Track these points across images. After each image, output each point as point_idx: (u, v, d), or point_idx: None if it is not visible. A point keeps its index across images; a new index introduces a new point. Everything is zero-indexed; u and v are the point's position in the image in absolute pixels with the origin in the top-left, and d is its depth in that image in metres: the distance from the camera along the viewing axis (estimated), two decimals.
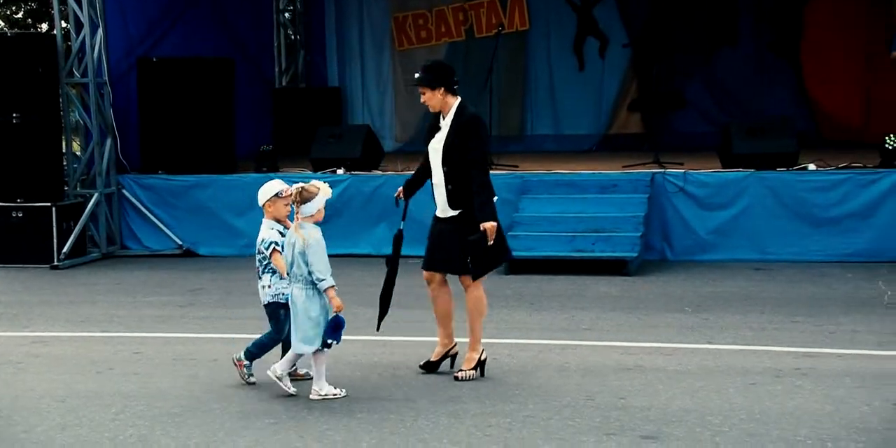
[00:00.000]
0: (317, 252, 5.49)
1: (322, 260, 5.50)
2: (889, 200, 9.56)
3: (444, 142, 5.87)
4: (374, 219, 10.70)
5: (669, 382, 5.75)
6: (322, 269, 5.49)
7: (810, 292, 8.33)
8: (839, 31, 13.58)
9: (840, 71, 13.58)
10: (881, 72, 12.82)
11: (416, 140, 15.02)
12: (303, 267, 5.52)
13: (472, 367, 5.94)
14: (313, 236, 5.53)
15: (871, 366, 6.01)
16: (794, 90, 13.96)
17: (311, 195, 5.58)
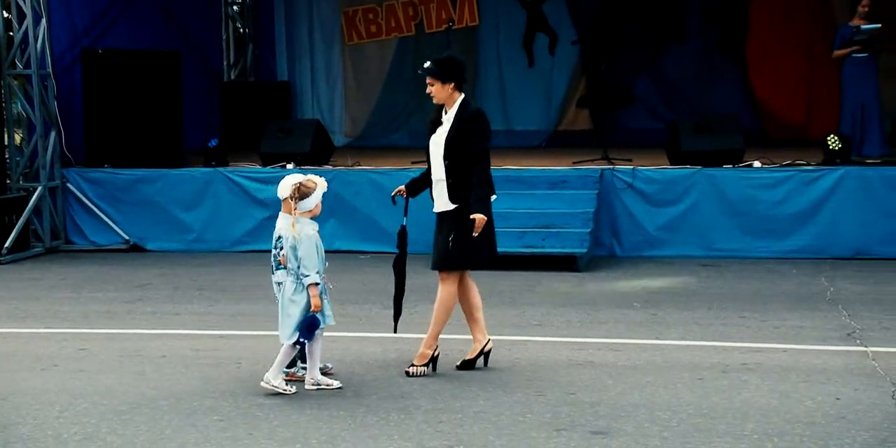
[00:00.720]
0: (306, 248, 5.52)
1: (310, 256, 5.53)
2: (831, 198, 9.72)
3: (446, 136, 5.87)
4: (324, 214, 10.49)
5: (619, 378, 5.79)
6: (308, 265, 5.51)
7: (756, 288, 8.44)
8: (783, 30, 13.80)
9: (784, 70, 13.79)
10: (823, 71, 13.02)
11: (366, 135, 15.02)
12: (293, 261, 5.54)
13: (423, 364, 5.92)
14: (306, 232, 5.56)
15: (814, 361, 6.11)
16: (740, 88, 14.15)
17: (309, 190, 5.62)
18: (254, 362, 6.26)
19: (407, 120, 14.99)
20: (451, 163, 5.85)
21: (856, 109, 11.08)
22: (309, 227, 5.61)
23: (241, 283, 9.02)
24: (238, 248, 10.76)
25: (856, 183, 9.68)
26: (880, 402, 5.25)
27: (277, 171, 10.84)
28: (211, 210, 10.86)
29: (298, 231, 5.55)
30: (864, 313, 7.37)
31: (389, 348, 6.52)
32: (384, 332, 7.00)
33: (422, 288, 7.82)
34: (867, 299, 7.87)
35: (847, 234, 9.65)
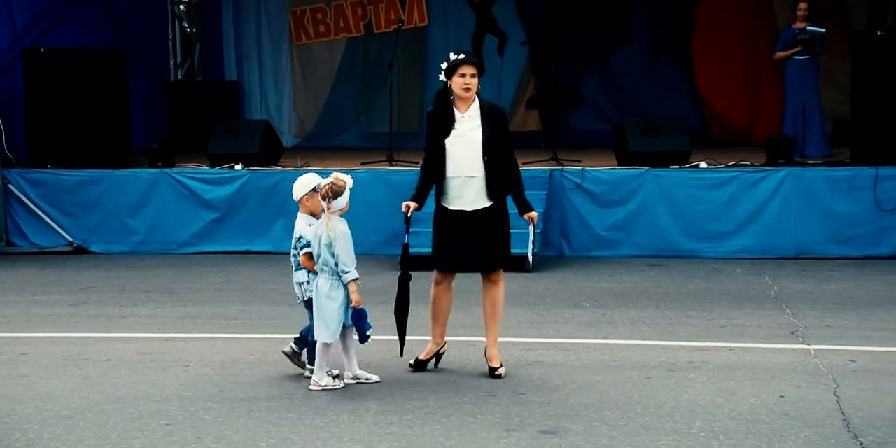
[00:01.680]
0: (344, 244, 5.55)
1: (349, 252, 5.56)
2: (775, 199, 9.87)
3: (482, 131, 5.80)
4: (273, 215, 10.56)
5: (568, 377, 5.82)
6: (348, 261, 5.54)
7: (703, 288, 8.54)
8: (727, 32, 13.98)
9: (728, 72, 13.98)
10: (767, 73, 13.24)
11: (315, 135, 14.95)
12: (329, 258, 5.56)
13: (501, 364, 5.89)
14: (340, 229, 5.59)
15: (759, 359, 6.19)
16: (687, 89, 14.32)
17: (341, 189, 5.62)
18: (202, 365, 6.19)
19: (356, 120, 14.95)
20: (490, 159, 5.79)
21: (798, 111, 11.28)
22: (342, 224, 5.63)
23: (188, 286, 8.91)
24: (185, 250, 10.64)
25: (798, 184, 9.84)
26: (822, 399, 5.34)
27: (226, 172, 10.75)
28: (157, 211, 10.73)
29: (333, 228, 5.57)
30: (807, 312, 7.49)
31: None
32: None
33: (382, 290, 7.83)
34: (810, 298, 8.00)
35: (790, 234, 9.80)
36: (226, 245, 10.60)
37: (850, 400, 5.30)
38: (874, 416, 5.05)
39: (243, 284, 8.95)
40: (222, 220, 10.64)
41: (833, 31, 12.51)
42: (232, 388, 5.70)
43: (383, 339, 6.32)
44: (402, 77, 13.90)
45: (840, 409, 5.16)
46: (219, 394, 5.58)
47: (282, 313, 7.71)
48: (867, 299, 7.92)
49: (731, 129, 14.02)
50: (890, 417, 5.02)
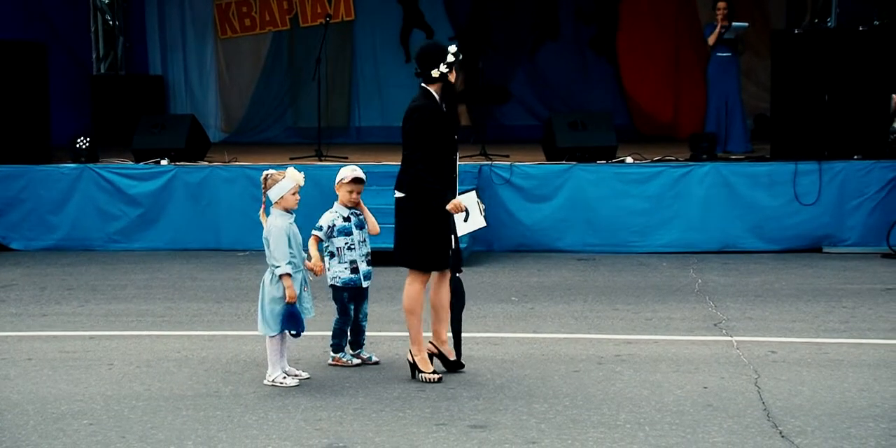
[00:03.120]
0: (276, 238, 5.57)
1: (280, 247, 5.56)
2: (699, 193, 10.02)
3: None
4: (201, 211, 10.43)
5: (497, 371, 5.85)
6: (278, 256, 5.55)
7: (629, 281, 8.67)
8: (651, 30, 14.19)
9: (652, 69, 14.18)
10: (689, 71, 13.47)
11: (241, 130, 14.78)
12: (267, 252, 5.62)
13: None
14: (274, 223, 5.62)
15: (684, 351, 6.31)
16: (613, 85, 14.48)
17: (274, 182, 5.67)
18: (127, 363, 6.09)
19: (283, 115, 14.83)
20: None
21: (720, 107, 11.52)
22: (280, 218, 5.64)
23: (112, 283, 8.76)
24: (110, 247, 10.44)
25: (721, 179, 10.02)
26: (744, 389, 5.47)
27: (150, 168, 10.57)
28: (80, 207, 10.51)
29: (269, 223, 5.63)
30: (730, 304, 7.65)
31: None
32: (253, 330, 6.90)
33: None
34: (732, 291, 8.17)
35: (714, 228, 9.99)
36: (152, 242, 10.43)
37: (771, 390, 5.43)
38: (793, 405, 5.18)
39: (170, 281, 8.82)
40: (148, 217, 10.47)
41: (753, 29, 12.80)
42: (158, 386, 5.62)
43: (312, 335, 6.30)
44: (330, 72, 13.83)
45: (761, 399, 5.29)
46: (144, 392, 5.50)
47: (209, 310, 7.62)
48: (787, 292, 8.12)
49: (656, 124, 14.23)
50: (808, 407, 5.16)
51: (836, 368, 5.85)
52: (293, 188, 5.70)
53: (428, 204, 5.62)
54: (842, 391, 5.41)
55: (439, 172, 5.64)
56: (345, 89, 14.68)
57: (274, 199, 5.69)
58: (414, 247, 5.69)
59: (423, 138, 5.63)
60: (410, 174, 5.63)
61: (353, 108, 14.81)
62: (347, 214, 6.08)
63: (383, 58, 14.65)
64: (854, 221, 9.87)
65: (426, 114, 5.70)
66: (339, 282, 6.02)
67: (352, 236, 6.05)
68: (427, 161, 5.62)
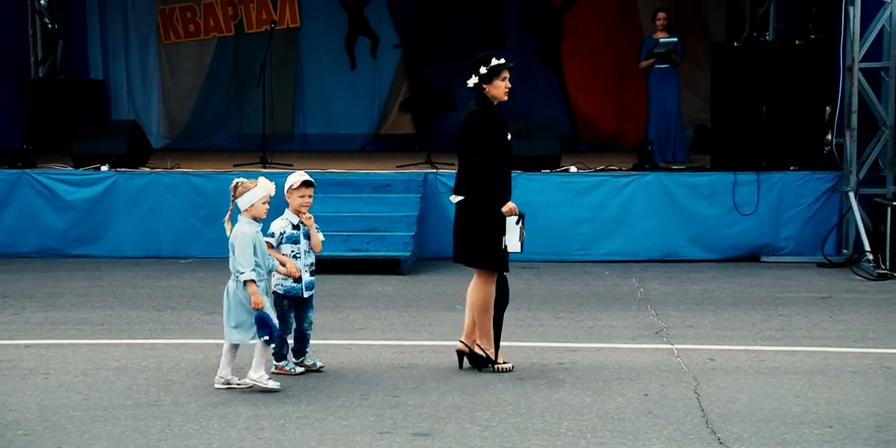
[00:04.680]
0: (241, 245, 5.60)
1: (245, 253, 5.59)
2: (641, 203, 10.16)
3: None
4: (142, 218, 10.31)
5: (441, 380, 5.88)
6: (243, 262, 5.59)
7: (572, 290, 8.75)
8: (595, 39, 14.31)
9: (596, 78, 14.31)
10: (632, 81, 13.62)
11: (185, 136, 14.63)
12: (232, 259, 5.66)
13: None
14: (240, 230, 5.66)
15: (625, 359, 6.40)
16: (557, 95, 14.59)
17: (245, 190, 5.71)
18: (63, 372, 6.01)
19: (227, 122, 14.72)
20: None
21: (661, 117, 11.69)
22: (248, 226, 5.68)
23: (50, 291, 8.62)
24: (48, 254, 10.27)
25: (663, 188, 10.17)
26: (684, 396, 5.56)
27: (90, 174, 10.43)
28: (17, 214, 10.33)
29: (236, 229, 5.66)
30: (671, 312, 7.77)
31: (210, 354, 6.39)
32: (204, 338, 6.87)
33: None
34: (673, 299, 8.30)
35: (656, 237, 10.13)
36: (91, 249, 10.28)
37: (709, 397, 5.53)
38: (731, 412, 5.28)
39: (110, 289, 8.71)
40: (87, 224, 10.32)
41: (694, 41, 13.02)
42: (96, 395, 5.55)
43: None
44: (275, 78, 13.77)
45: (700, 406, 5.38)
46: (82, 402, 5.43)
47: (150, 318, 7.55)
48: (726, 300, 8.27)
49: (600, 133, 14.37)
50: (745, 413, 5.26)
51: (772, 376, 5.98)
52: (264, 197, 5.74)
53: (489, 206, 5.87)
54: (778, 398, 5.53)
55: (497, 175, 5.89)
56: (289, 96, 14.61)
57: (243, 206, 5.70)
58: (485, 249, 5.93)
59: (482, 141, 5.86)
60: (471, 177, 5.89)
61: (297, 115, 14.74)
62: (297, 222, 6.09)
63: (328, 65, 14.62)
64: (790, 231, 10.08)
65: (483, 117, 5.94)
66: (282, 289, 6.03)
67: (299, 245, 6.05)
68: (486, 164, 5.86)
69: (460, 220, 6.04)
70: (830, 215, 10.02)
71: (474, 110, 5.99)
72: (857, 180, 9.79)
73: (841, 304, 8.06)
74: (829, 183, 10.07)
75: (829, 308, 7.94)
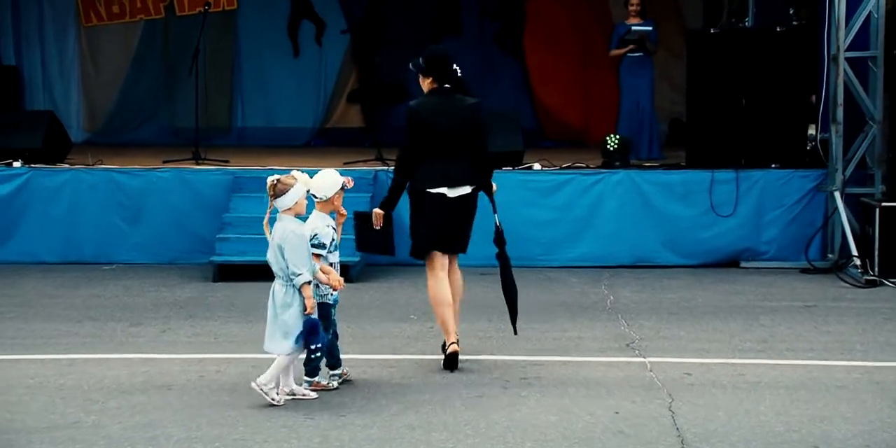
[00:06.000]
0: (296, 245, 5.68)
1: (301, 254, 5.68)
2: (611, 203, 10.20)
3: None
4: (60, 219, 10.17)
5: (393, 397, 5.87)
6: (299, 263, 5.65)
7: (536, 298, 8.76)
8: (560, 25, 14.35)
9: (560, 68, 14.34)
10: (600, 71, 13.71)
11: (108, 129, 14.48)
12: (281, 261, 5.68)
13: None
14: (289, 229, 5.71)
15: (594, 373, 6.43)
16: (519, 86, 14.62)
17: (286, 187, 5.74)
18: None
19: (155, 113, 14.59)
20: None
21: (633, 110, 11.77)
22: (293, 224, 5.75)
23: None
24: None
25: (634, 188, 10.23)
26: (657, 414, 5.60)
27: (1, 170, 10.28)
28: None
29: (285, 228, 5.70)
30: (643, 322, 7.82)
31: (136, 371, 6.34)
32: (129, 353, 6.80)
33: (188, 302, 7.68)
34: (645, 308, 8.36)
35: (627, 241, 10.16)
36: (1, 253, 10.13)
37: (685, 415, 5.58)
38: (708, 431, 5.33)
39: (23, 299, 8.59)
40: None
41: (667, 28, 13.12)
42: (7, 417, 5.47)
43: (190, 359, 6.21)
44: (209, 66, 13.64)
45: (675, 424, 5.42)
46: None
47: (68, 331, 7.46)
48: (703, 309, 8.34)
49: (566, 127, 14.43)
50: (723, 432, 5.31)
51: (753, 391, 6.04)
52: (304, 193, 5.83)
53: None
54: (758, 415, 5.58)
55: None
56: (226, 86, 14.51)
57: (287, 205, 5.76)
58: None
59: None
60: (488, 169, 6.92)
61: (235, 106, 14.64)
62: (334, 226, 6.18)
63: (269, 51, 14.53)
64: (772, 234, 10.18)
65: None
66: (331, 298, 6.08)
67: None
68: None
69: (464, 211, 6.89)
70: (815, 217, 10.13)
71: (480, 101, 6.98)
72: (843, 179, 9.92)
73: (826, 314, 8.16)
74: (814, 182, 10.18)
75: (813, 317, 8.04)
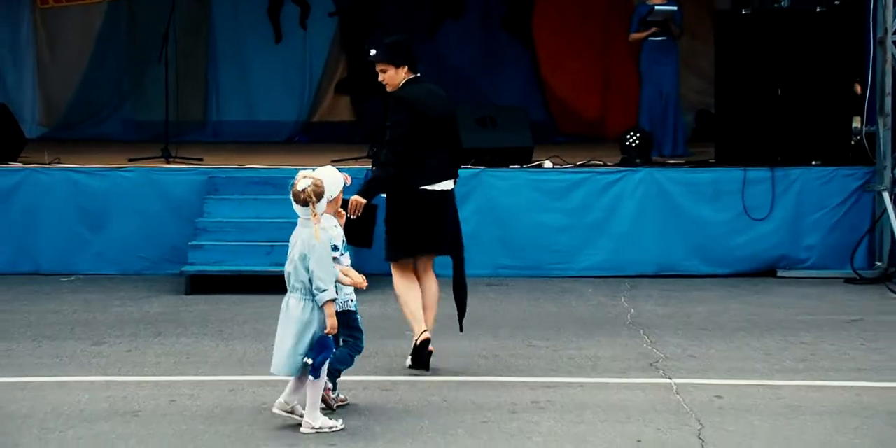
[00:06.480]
0: (322, 256, 5.68)
1: (327, 266, 5.69)
2: (631, 205, 10.20)
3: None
4: (12, 226, 10.16)
5: (388, 423, 5.84)
6: (325, 277, 5.66)
7: (548, 312, 8.76)
8: (574, 7, 14.34)
9: (574, 54, 14.33)
10: (620, 57, 13.69)
11: (66, 124, 14.49)
12: (303, 273, 5.68)
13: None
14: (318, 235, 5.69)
15: (614, 396, 6.40)
16: (529, 74, 14.62)
17: (321, 188, 5.80)
18: None
19: (120, 106, 14.61)
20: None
21: (655, 101, 11.74)
22: (324, 233, 5.75)
23: None
24: None
25: (658, 188, 10.22)
26: (685, 443, 5.57)
27: None
28: None
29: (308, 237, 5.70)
30: (668, 339, 7.80)
31: (99, 395, 6.32)
32: (91, 375, 6.79)
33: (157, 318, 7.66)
34: (671, 323, 8.33)
35: (649, 247, 10.16)
36: None
37: (716, 443, 5.55)
38: None
39: None
40: None
41: (694, 9, 13.10)
42: None
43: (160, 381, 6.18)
44: (181, 52, 13.63)
45: None
46: None
47: (22, 351, 7.46)
48: (736, 324, 8.32)
49: (581, 121, 14.42)
50: None
51: (793, 417, 6.01)
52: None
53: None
54: (800, 445, 5.55)
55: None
56: (199, 74, 14.52)
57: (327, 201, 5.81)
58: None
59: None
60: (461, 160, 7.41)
61: (209, 98, 14.66)
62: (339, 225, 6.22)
63: (248, 36, 14.54)
64: (813, 240, 10.17)
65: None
66: (353, 305, 6.13)
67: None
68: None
69: (450, 206, 7.09)
70: (861, 220, 10.13)
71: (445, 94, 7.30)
72: (892, 177, 9.91)
73: (875, 329, 8.14)
74: (859, 181, 10.18)
75: (860, 333, 8.02)
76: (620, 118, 13.43)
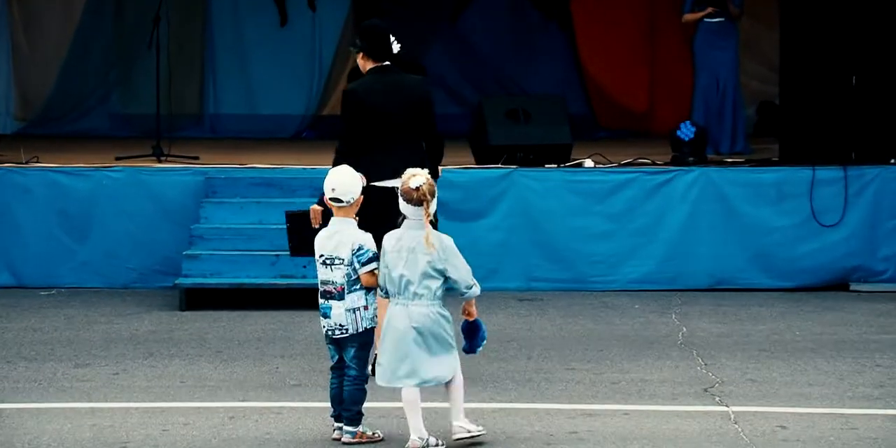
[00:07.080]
0: (457, 251, 5.96)
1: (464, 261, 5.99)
2: (684, 209, 10.20)
3: None
4: None
5: None
6: (469, 273, 6.01)
7: (588, 330, 8.77)
8: None
9: (618, 39, 14.30)
10: (667, 41, 13.69)
11: (45, 118, 14.56)
12: (435, 275, 5.93)
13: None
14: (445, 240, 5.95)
15: (663, 426, 6.41)
16: (566, 61, 14.60)
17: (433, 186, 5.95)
18: None
19: (106, 97, 14.67)
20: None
21: (711, 91, 11.72)
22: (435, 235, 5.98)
23: None
24: None
25: (713, 190, 10.22)
26: None
27: None
28: None
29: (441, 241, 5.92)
30: (725, 361, 7.81)
31: (82, 424, 6.37)
32: (75, 402, 6.84)
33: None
34: (728, 343, 8.34)
35: (703, 256, 10.17)
36: None
37: None
38: None
39: None
40: None
41: None
42: None
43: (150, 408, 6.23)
44: (174, 38, 13.73)
45: None
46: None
47: None
48: (802, 344, 8.32)
49: (626, 114, 14.41)
50: None
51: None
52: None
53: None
54: None
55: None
56: (195, 63, 14.59)
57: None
58: None
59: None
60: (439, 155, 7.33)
61: (206, 89, 14.70)
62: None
63: (250, 20, 14.59)
64: (891, 249, 10.16)
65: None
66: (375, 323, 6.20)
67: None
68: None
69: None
70: None
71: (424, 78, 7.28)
72: None
73: None
74: None
75: None
76: (671, 111, 13.42)
